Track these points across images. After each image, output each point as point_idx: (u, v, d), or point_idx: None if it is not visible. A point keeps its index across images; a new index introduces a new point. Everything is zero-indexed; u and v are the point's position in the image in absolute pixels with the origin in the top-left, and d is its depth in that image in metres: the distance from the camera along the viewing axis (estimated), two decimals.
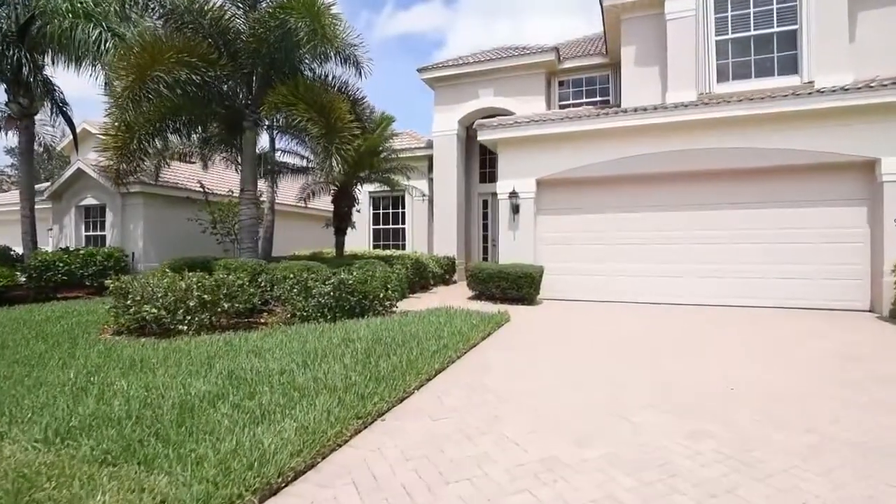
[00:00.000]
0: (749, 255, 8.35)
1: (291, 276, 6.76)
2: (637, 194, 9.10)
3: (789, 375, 4.36)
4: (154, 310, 5.86)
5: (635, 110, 8.54)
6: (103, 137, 7.22)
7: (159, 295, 5.90)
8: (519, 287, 8.68)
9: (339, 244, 10.30)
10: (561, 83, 13.50)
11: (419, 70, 13.95)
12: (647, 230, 9.03)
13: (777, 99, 7.68)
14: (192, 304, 5.87)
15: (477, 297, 9.48)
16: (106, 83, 6.55)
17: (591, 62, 12.86)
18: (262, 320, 6.79)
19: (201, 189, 13.47)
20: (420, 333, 5.55)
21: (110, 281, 6.31)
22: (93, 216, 14.66)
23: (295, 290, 6.53)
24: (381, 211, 15.68)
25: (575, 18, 58.77)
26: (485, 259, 14.76)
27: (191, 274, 6.31)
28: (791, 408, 3.51)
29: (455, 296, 10.14)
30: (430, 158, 14.39)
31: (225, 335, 5.69)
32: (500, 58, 13.06)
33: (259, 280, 6.87)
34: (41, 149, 14.19)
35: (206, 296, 5.93)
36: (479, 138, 9.74)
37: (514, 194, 9.52)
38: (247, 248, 8.17)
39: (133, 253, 13.55)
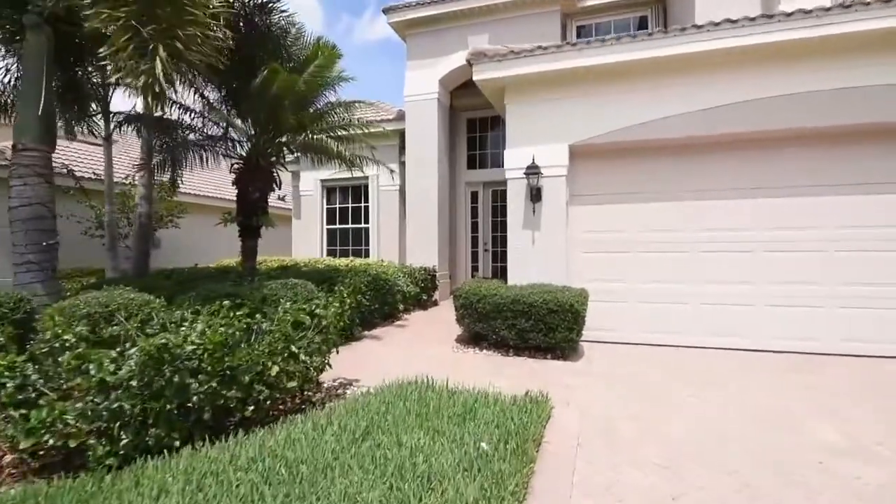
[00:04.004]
0: None
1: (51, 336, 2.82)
2: (737, 168, 5.48)
3: None
4: None
5: (753, 20, 4.90)
6: None
7: None
8: (549, 328, 4.93)
9: (249, 252, 6.31)
10: (580, 29, 9.89)
11: (385, 11, 10.11)
12: (756, 228, 5.42)
13: None
14: None
15: (474, 342, 5.69)
16: None
17: None
18: None
19: (68, 173, 9.30)
20: None
21: None
22: None
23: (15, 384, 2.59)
24: (337, 205, 11.78)
25: None
26: (474, 269, 10.97)
27: None
28: None
29: (437, 334, 6.32)
30: (401, 135, 10.57)
31: None
32: None
33: None
34: None
35: None
36: (475, 77, 5.97)
37: (533, 170, 5.77)
38: (25, 262, 4.13)
39: None
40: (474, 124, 11.26)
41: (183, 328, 3.06)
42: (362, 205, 11.52)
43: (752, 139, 5.34)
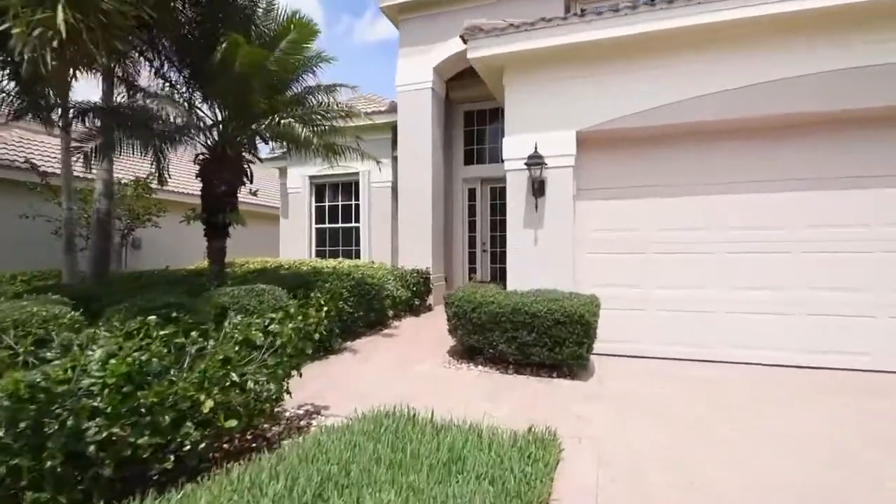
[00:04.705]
0: None
1: None
2: (772, 158, 4.79)
3: None
4: None
5: None
6: None
7: None
8: (555, 343, 4.24)
9: (215, 253, 5.59)
10: (584, 11, 9.18)
11: None
12: (793, 226, 4.72)
13: None
14: None
15: (468, 356, 4.99)
16: None
17: None
18: None
19: (30, 167, 8.62)
20: None
21: None
22: None
23: None
24: (326, 203, 11.09)
25: None
26: (472, 271, 10.27)
27: None
28: None
29: (428, 345, 5.62)
30: (393, 128, 9.89)
31: None
32: None
33: None
34: None
35: None
36: (470, 55, 5.29)
37: (535, 160, 5.08)
38: None
39: None
40: (472, 117, 10.58)
41: (91, 352, 2.37)
42: (353, 203, 10.84)
43: (789, 124, 4.65)
